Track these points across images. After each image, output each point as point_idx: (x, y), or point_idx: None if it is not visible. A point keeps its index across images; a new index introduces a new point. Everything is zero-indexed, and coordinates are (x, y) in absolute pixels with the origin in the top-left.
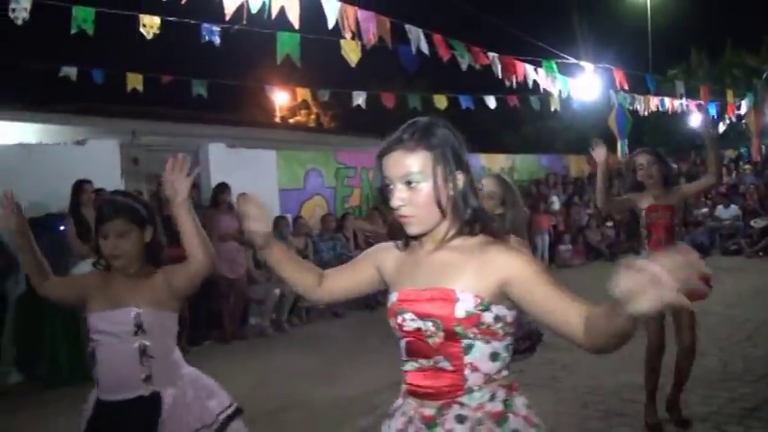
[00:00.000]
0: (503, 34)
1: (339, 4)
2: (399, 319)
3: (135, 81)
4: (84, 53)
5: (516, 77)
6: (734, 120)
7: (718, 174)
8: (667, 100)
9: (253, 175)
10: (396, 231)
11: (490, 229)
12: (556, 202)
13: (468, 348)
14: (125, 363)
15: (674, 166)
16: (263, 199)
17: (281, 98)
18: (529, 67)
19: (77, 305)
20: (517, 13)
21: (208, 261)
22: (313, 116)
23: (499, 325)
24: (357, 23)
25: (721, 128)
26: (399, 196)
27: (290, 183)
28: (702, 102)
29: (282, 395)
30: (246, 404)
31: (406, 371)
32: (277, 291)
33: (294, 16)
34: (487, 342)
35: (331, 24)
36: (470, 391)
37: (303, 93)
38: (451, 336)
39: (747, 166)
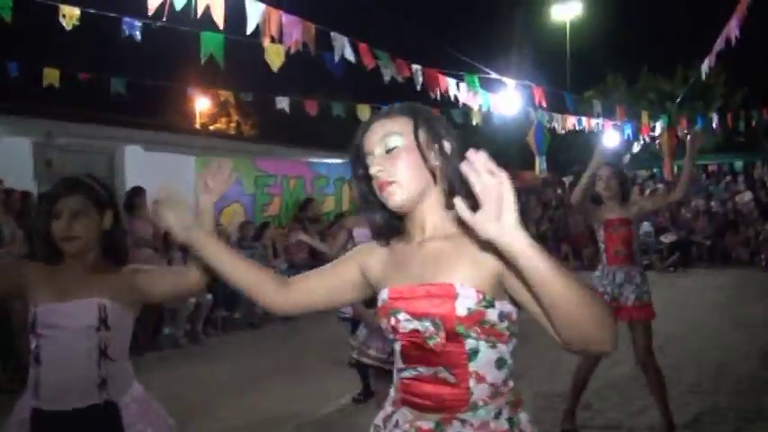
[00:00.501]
0: (427, 47)
1: (263, 6)
2: (393, 321)
3: (51, 77)
4: None
5: (439, 90)
6: (648, 141)
7: (686, 190)
8: (584, 119)
9: (170, 180)
10: (380, 228)
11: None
12: None
13: (473, 354)
14: (79, 363)
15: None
16: None
17: (201, 104)
18: (451, 81)
19: (11, 295)
20: (441, 27)
21: (201, 282)
22: (233, 124)
23: (504, 324)
24: (280, 28)
25: (636, 148)
26: (377, 163)
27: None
28: (618, 122)
29: (195, 407)
30: None
31: (402, 378)
32: (192, 300)
33: (219, 16)
34: (493, 346)
35: (251, 27)
36: (475, 407)
37: (226, 95)
38: (453, 337)
39: (660, 186)
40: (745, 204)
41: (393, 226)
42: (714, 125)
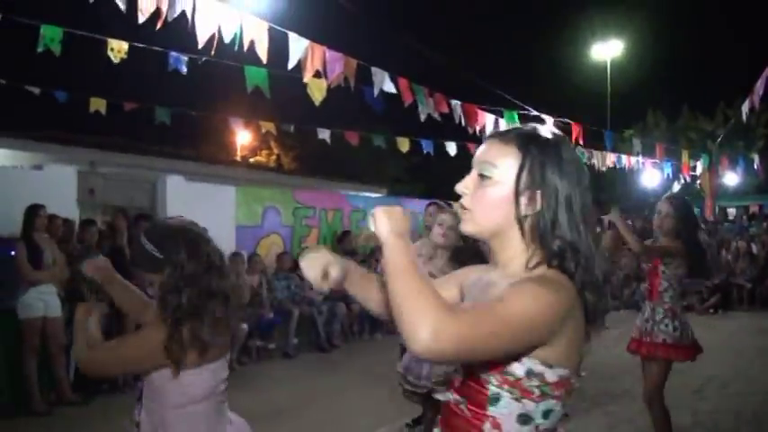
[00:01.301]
0: (467, 83)
1: (306, 42)
2: None
3: (98, 104)
4: (48, 74)
5: (477, 126)
6: (688, 180)
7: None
8: (624, 157)
9: (210, 209)
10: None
11: (569, 272)
12: None
13: (494, 400)
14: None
15: (629, 222)
16: (218, 234)
17: (242, 137)
18: (490, 117)
19: None
20: (481, 64)
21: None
22: (274, 157)
23: (533, 382)
24: (323, 62)
25: (675, 187)
26: (465, 183)
27: (247, 220)
28: (658, 160)
29: None
30: None
31: (439, 398)
32: None
33: (263, 50)
34: (517, 399)
35: (293, 63)
36: None
37: (268, 126)
38: (472, 377)
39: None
40: None
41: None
42: (756, 166)
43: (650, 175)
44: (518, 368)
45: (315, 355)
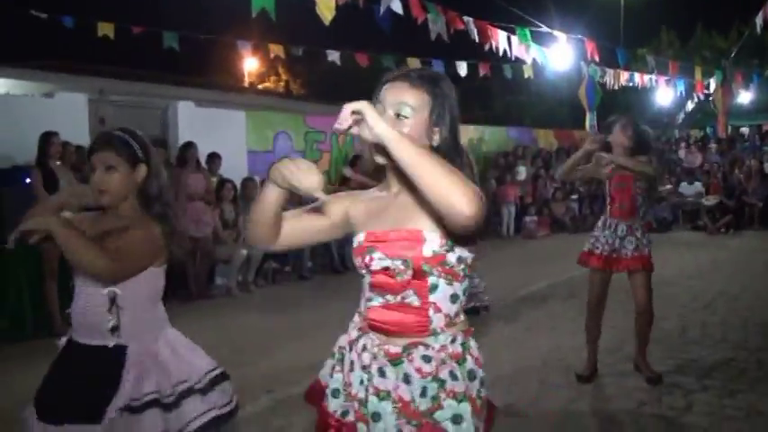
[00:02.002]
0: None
1: None
2: (367, 259)
3: (106, 29)
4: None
5: (492, 43)
6: (702, 98)
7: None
8: (637, 75)
9: (221, 135)
10: (376, 174)
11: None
12: (522, 173)
13: (433, 288)
14: (94, 308)
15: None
16: (230, 160)
17: (250, 64)
18: (502, 34)
19: None
20: None
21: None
22: (282, 83)
23: (461, 266)
24: None
25: (689, 105)
26: (388, 121)
27: (258, 145)
28: (671, 78)
29: (245, 352)
30: None
31: (370, 307)
32: (244, 251)
33: None
34: (449, 283)
35: None
36: (435, 333)
37: (277, 49)
38: (419, 274)
39: (713, 145)
40: None
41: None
42: None
43: (663, 93)
44: (452, 256)
45: (329, 276)
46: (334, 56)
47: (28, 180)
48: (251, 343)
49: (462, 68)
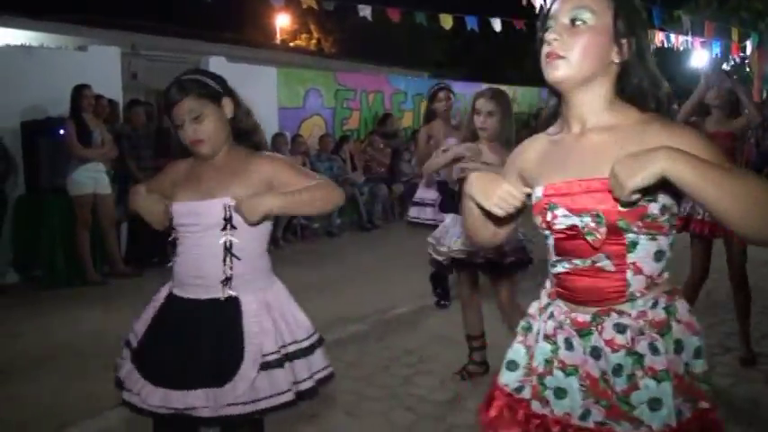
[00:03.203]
0: None
1: None
2: (549, 216)
3: None
4: None
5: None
6: (738, 61)
7: (754, 114)
8: (672, 35)
9: (253, 91)
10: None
11: (652, 109)
12: None
13: (633, 246)
14: (205, 260)
15: (675, 107)
16: (261, 116)
17: (282, 20)
18: None
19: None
20: None
21: (342, 199)
22: (314, 41)
23: (665, 217)
24: None
25: (725, 67)
26: (557, 30)
27: (289, 101)
28: (707, 39)
29: None
30: None
31: (557, 273)
32: None
33: None
34: (653, 238)
35: None
36: (632, 297)
37: (308, 2)
38: (615, 231)
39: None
40: None
41: (552, 108)
42: None
43: (699, 55)
44: (654, 207)
45: (357, 234)
46: (365, 11)
47: (62, 131)
48: None
49: (497, 25)
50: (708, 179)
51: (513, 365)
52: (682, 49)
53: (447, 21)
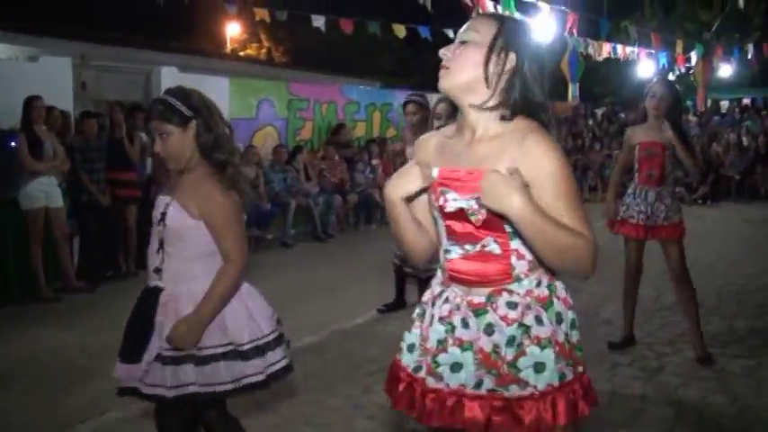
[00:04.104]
0: None
1: None
2: (441, 200)
3: None
4: None
5: (479, 10)
6: (683, 71)
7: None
8: (620, 47)
9: None
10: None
11: (538, 119)
12: None
13: (513, 235)
14: (151, 249)
15: (622, 115)
16: None
17: (232, 29)
18: (489, 3)
19: None
20: None
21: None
22: (264, 50)
23: None
24: None
25: (671, 77)
26: (452, 48)
27: (241, 112)
28: (653, 51)
29: None
30: None
31: (450, 258)
32: None
33: None
34: None
35: None
36: (518, 279)
37: (261, 14)
38: (494, 216)
39: (693, 118)
40: None
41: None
42: (750, 57)
43: (645, 65)
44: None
45: (312, 244)
46: (319, 22)
47: (13, 144)
48: None
49: (449, 34)
50: (541, 235)
51: (411, 348)
52: (629, 59)
53: (400, 30)
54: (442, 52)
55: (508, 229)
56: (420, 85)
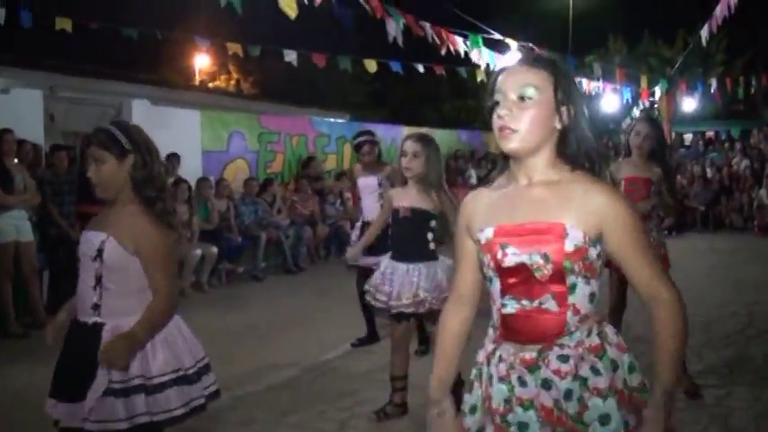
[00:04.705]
0: (432, 3)
1: None
2: (499, 255)
3: (64, 23)
4: None
5: (449, 47)
6: (647, 105)
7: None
8: (585, 81)
9: (176, 135)
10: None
11: (592, 170)
12: (473, 176)
13: (572, 288)
14: (85, 285)
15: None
16: (185, 160)
17: (201, 61)
18: (460, 40)
19: None
20: None
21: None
22: (233, 81)
23: (599, 262)
24: None
25: (635, 112)
26: (507, 106)
27: (213, 145)
28: (618, 86)
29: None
30: None
31: (505, 314)
32: (198, 251)
33: None
34: (587, 282)
35: None
36: (570, 332)
37: (234, 48)
38: (559, 271)
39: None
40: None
41: (501, 166)
42: (713, 91)
43: (609, 100)
44: (593, 252)
45: (282, 277)
46: (291, 56)
47: None
48: (206, 342)
49: (420, 69)
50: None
51: (473, 409)
52: (594, 94)
53: (371, 65)
54: (504, 112)
55: (569, 282)
56: (389, 117)
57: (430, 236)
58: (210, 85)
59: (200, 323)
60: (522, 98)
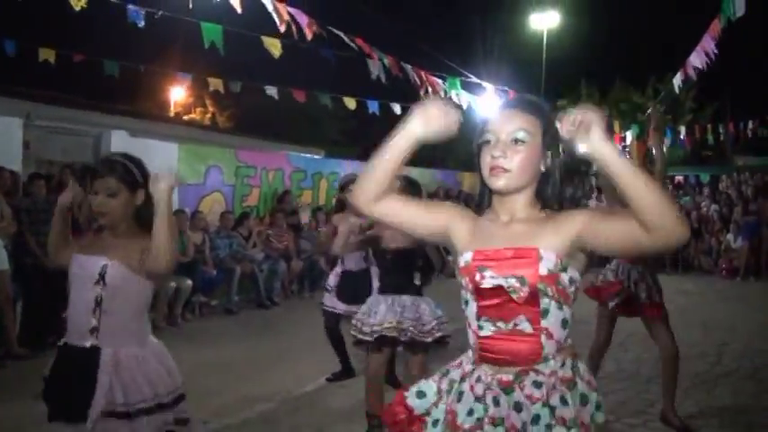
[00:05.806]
0: (411, 47)
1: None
2: (477, 277)
3: (47, 54)
4: None
5: (426, 88)
6: (619, 149)
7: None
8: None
9: (154, 166)
10: (479, 198)
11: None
12: None
13: (545, 313)
14: (81, 309)
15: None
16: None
17: (176, 94)
18: (437, 80)
19: None
20: (424, 29)
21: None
22: (209, 115)
23: (572, 288)
24: (285, 17)
25: None
26: (500, 147)
27: (190, 177)
28: None
29: None
30: None
31: (482, 336)
32: (172, 284)
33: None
34: (560, 307)
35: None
36: (546, 359)
37: (216, 83)
38: (534, 294)
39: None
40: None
41: (486, 200)
42: (682, 137)
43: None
44: (564, 277)
45: (256, 311)
46: (271, 91)
47: None
48: (181, 375)
49: (396, 109)
50: (638, 175)
51: (436, 423)
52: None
53: (351, 103)
54: (497, 153)
55: (542, 306)
56: (363, 154)
57: (416, 275)
58: (186, 117)
59: (174, 356)
60: (515, 141)
